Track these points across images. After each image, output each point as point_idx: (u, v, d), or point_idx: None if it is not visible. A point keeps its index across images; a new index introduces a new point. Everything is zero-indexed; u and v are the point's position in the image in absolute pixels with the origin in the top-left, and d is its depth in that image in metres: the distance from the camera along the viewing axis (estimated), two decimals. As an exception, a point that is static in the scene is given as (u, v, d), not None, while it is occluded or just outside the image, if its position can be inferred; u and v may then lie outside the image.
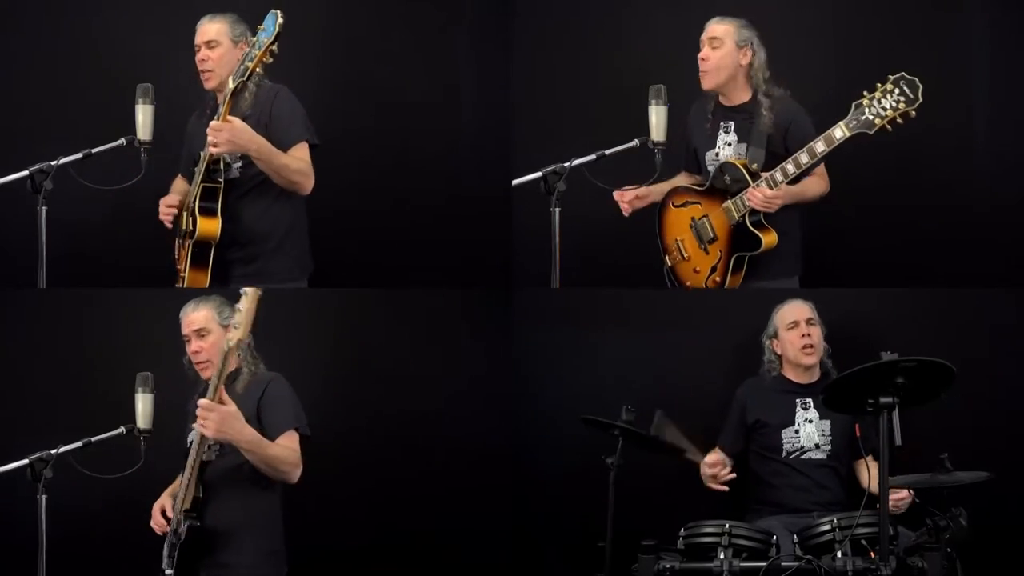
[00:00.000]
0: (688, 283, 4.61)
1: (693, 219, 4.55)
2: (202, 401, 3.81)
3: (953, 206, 4.93)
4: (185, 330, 4.22)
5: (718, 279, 4.49)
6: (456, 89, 5.10)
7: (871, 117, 4.11)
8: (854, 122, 4.14)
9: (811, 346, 4.50)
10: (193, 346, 4.19)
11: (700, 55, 4.47)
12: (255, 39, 4.06)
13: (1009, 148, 4.93)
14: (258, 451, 3.90)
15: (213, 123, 4.19)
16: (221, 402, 3.81)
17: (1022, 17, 4.92)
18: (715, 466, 4.36)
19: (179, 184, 4.65)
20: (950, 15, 4.97)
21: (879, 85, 4.11)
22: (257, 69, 4.08)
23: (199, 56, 4.41)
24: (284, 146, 4.34)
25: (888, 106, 4.09)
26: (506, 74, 5.05)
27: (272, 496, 4.11)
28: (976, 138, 4.97)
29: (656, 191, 4.64)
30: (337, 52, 5.07)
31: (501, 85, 5.05)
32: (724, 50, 4.44)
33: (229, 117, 4.17)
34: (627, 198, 4.59)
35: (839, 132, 4.16)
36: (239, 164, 4.37)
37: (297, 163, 4.35)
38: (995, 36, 4.96)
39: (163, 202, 4.55)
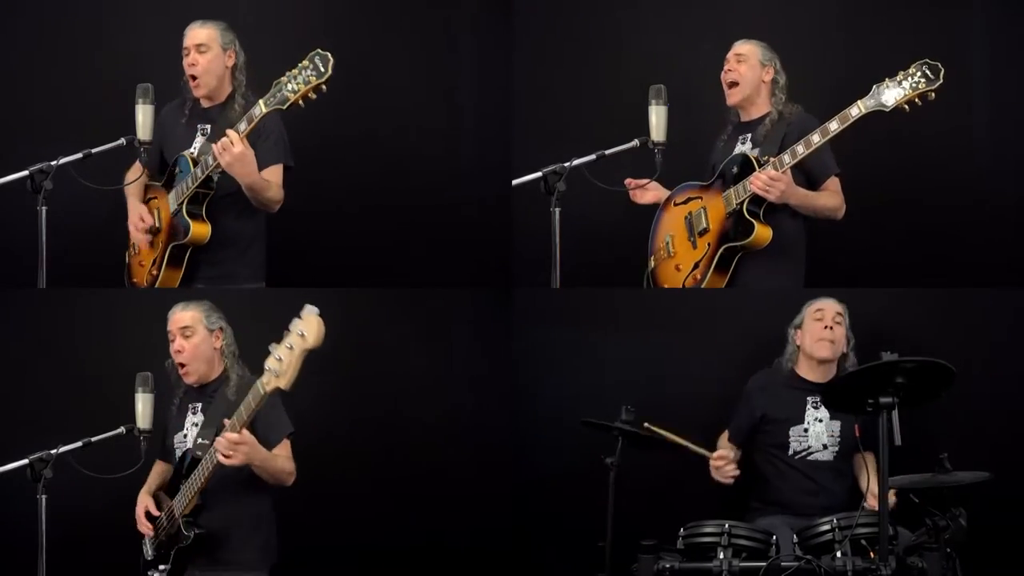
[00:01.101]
0: (665, 283, 4.59)
1: (690, 212, 4.54)
2: (231, 436, 3.84)
3: (953, 206, 4.93)
4: (171, 327, 4.27)
5: (699, 276, 4.44)
6: (456, 89, 5.10)
7: (889, 96, 4.12)
8: (872, 100, 4.13)
9: (830, 340, 4.44)
10: (176, 344, 4.24)
11: (726, 69, 4.48)
12: (295, 72, 4.08)
13: (1010, 148, 4.93)
14: (269, 468, 4.04)
15: (228, 139, 4.20)
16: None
17: (1022, 17, 4.92)
18: (722, 459, 4.34)
19: (135, 175, 4.60)
20: (951, 14, 4.96)
21: (901, 71, 4.11)
22: (300, 102, 4.11)
23: (188, 60, 4.45)
24: (265, 163, 4.39)
25: (909, 86, 4.10)
26: (506, 74, 5.05)
27: (265, 496, 4.23)
28: (977, 138, 4.97)
29: (665, 193, 4.64)
30: (337, 52, 5.04)
31: (501, 85, 5.05)
32: (749, 64, 4.46)
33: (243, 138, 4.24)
34: (634, 184, 4.58)
35: (855, 110, 4.15)
36: (219, 171, 4.38)
37: (277, 192, 4.41)
38: (995, 36, 4.96)
39: (137, 225, 4.55)
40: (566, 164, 4.26)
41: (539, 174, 4.26)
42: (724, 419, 4.63)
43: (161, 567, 4.15)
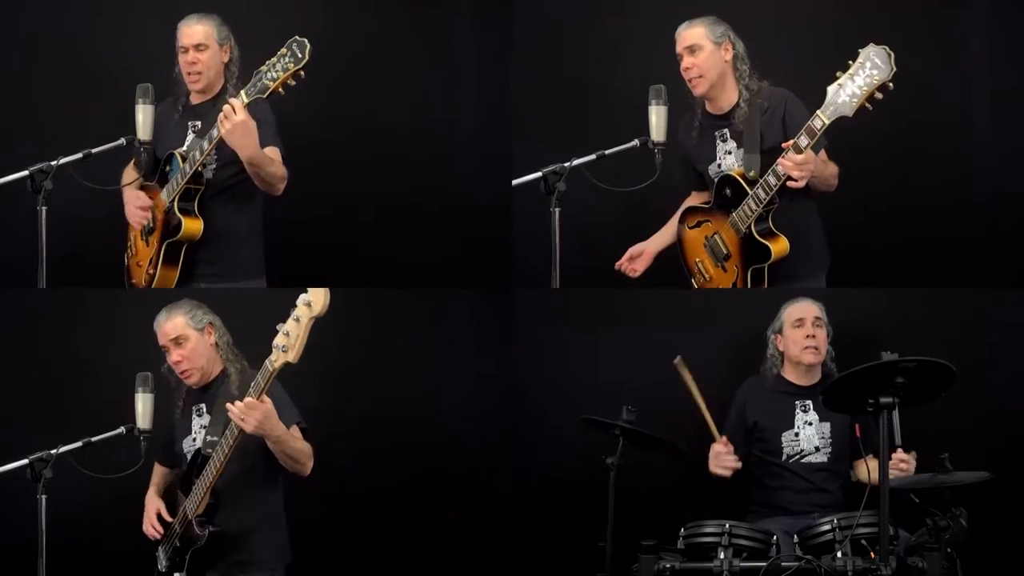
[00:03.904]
0: None
1: (707, 238, 4.48)
2: (248, 400, 3.86)
3: (953, 206, 4.93)
4: (162, 340, 4.26)
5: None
6: (456, 89, 5.10)
7: (847, 99, 3.94)
8: (831, 108, 3.97)
9: (815, 347, 4.47)
10: (174, 356, 4.24)
11: (683, 66, 4.36)
12: (274, 61, 4.12)
13: (1009, 148, 4.93)
14: (287, 445, 4.03)
15: (231, 107, 4.17)
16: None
17: (1022, 17, 4.93)
18: (726, 446, 4.34)
19: (130, 175, 4.63)
20: (950, 14, 4.96)
21: (850, 62, 3.94)
22: (280, 89, 4.13)
23: (188, 59, 4.47)
24: (266, 143, 4.38)
25: (862, 83, 3.91)
26: (506, 74, 5.05)
27: (278, 494, 4.28)
28: (976, 138, 4.96)
29: (654, 243, 4.64)
30: (337, 53, 5.06)
31: (501, 85, 5.05)
32: (705, 53, 4.34)
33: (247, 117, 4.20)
34: (624, 264, 4.63)
35: (818, 122, 4.00)
36: (212, 166, 4.41)
37: (279, 167, 4.40)
38: (995, 36, 4.96)
39: (135, 204, 4.55)
40: (566, 164, 4.26)
41: (539, 174, 4.26)
42: (724, 419, 4.62)
43: (176, 574, 4.15)
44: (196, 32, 4.45)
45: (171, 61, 4.55)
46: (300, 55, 4.08)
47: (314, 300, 3.69)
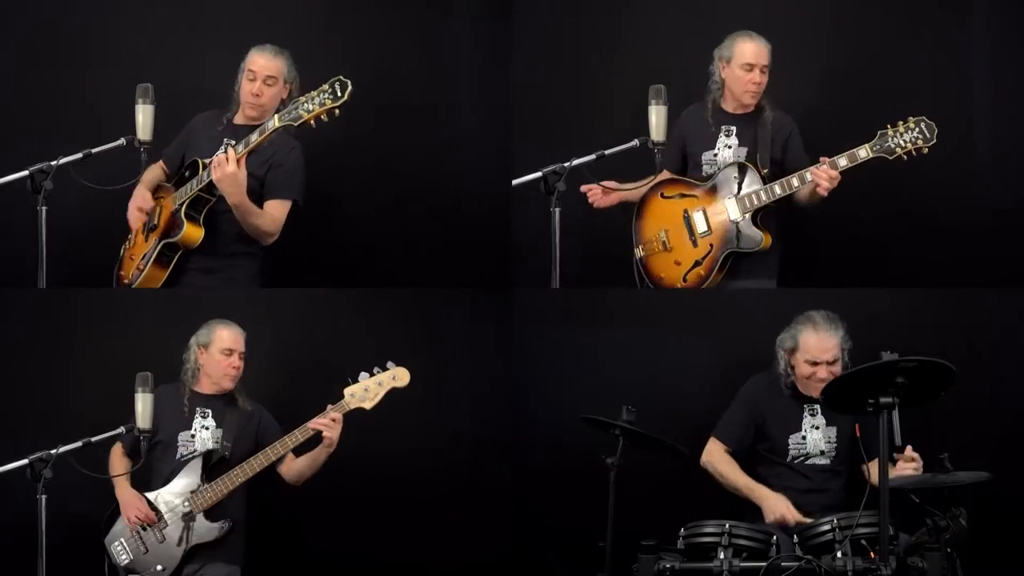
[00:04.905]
0: (662, 275, 4.62)
1: (687, 211, 4.56)
2: (336, 415, 4.32)
3: (953, 206, 4.93)
4: (229, 344, 4.44)
5: (702, 272, 4.52)
6: (456, 89, 5.10)
7: (893, 145, 4.36)
8: (878, 146, 4.37)
9: (822, 384, 4.43)
10: (235, 362, 4.45)
11: (752, 79, 4.53)
12: (314, 94, 4.20)
13: (1009, 148, 4.93)
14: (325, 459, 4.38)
15: (225, 155, 4.29)
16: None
17: (1022, 18, 4.93)
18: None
19: (153, 172, 4.66)
20: (950, 14, 4.96)
21: (901, 122, 4.34)
22: (312, 122, 4.23)
23: (254, 89, 4.51)
24: (272, 195, 4.49)
25: (908, 140, 4.37)
26: (506, 74, 5.05)
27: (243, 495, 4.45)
28: (977, 139, 4.96)
29: (628, 191, 4.66)
30: (337, 52, 5.06)
31: (501, 85, 5.05)
32: (766, 75, 4.56)
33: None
34: (594, 190, 4.63)
35: (863, 152, 4.39)
36: None
37: (270, 225, 4.49)
38: (996, 37, 4.96)
39: (136, 206, 4.60)
40: (566, 164, 4.27)
41: (539, 174, 4.27)
42: (722, 415, 4.61)
43: (159, 567, 4.26)
44: (270, 66, 4.51)
45: (173, 61, 4.56)
46: (339, 94, 4.16)
47: (399, 376, 4.42)
